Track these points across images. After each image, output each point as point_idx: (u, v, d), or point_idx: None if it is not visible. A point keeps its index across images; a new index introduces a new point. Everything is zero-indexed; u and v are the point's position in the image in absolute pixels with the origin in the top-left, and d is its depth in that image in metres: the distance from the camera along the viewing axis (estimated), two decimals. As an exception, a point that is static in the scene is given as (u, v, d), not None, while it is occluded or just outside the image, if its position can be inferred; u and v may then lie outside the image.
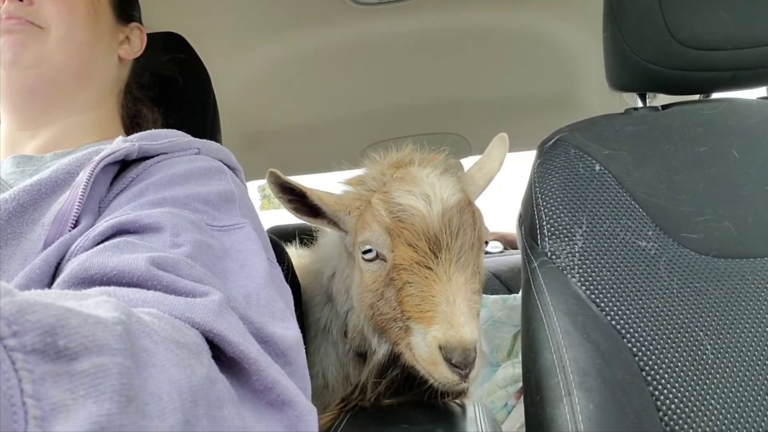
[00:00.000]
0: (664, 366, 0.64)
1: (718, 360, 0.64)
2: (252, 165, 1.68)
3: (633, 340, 0.65)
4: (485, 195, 0.91)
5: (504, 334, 1.56)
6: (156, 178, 0.53)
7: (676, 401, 0.62)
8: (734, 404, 0.62)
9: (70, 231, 0.47)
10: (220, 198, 0.55)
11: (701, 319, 0.66)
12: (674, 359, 0.64)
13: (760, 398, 0.63)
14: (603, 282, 0.69)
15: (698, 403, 0.62)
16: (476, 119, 1.76)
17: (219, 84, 0.95)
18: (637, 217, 0.73)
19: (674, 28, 0.76)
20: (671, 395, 0.62)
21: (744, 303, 0.68)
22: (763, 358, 0.64)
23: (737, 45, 0.77)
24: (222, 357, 0.37)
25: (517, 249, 0.86)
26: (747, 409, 0.62)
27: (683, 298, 0.68)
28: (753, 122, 0.79)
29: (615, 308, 0.67)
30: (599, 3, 0.84)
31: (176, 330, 0.33)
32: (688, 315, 0.67)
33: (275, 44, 1.37)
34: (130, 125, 0.75)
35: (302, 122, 1.72)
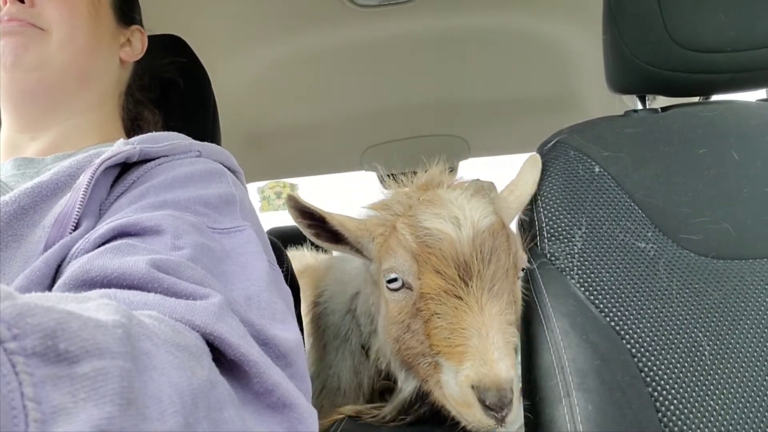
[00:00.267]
0: (663, 367, 0.64)
1: (717, 361, 0.64)
2: (252, 166, 1.68)
3: (632, 341, 0.65)
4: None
5: (504, 335, 1.55)
6: (157, 181, 0.53)
7: (675, 402, 0.62)
8: (733, 405, 0.62)
9: (71, 233, 0.47)
10: (221, 200, 0.55)
11: (700, 320, 0.67)
12: (673, 360, 0.64)
13: (759, 399, 0.63)
14: (602, 283, 0.69)
15: (697, 404, 0.62)
16: (476, 121, 1.76)
17: (219, 86, 0.96)
18: (637, 219, 0.73)
19: (674, 31, 0.76)
20: (670, 396, 0.62)
21: (743, 304, 0.68)
22: (762, 359, 0.65)
23: (736, 47, 0.77)
24: (222, 359, 0.37)
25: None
26: (746, 410, 0.62)
27: (682, 299, 0.68)
28: (752, 124, 0.80)
29: (614, 309, 0.67)
30: (599, 5, 0.84)
31: (177, 333, 0.33)
32: (687, 316, 0.67)
33: (275, 46, 1.37)
34: (131, 127, 0.75)
35: (302, 124, 1.72)
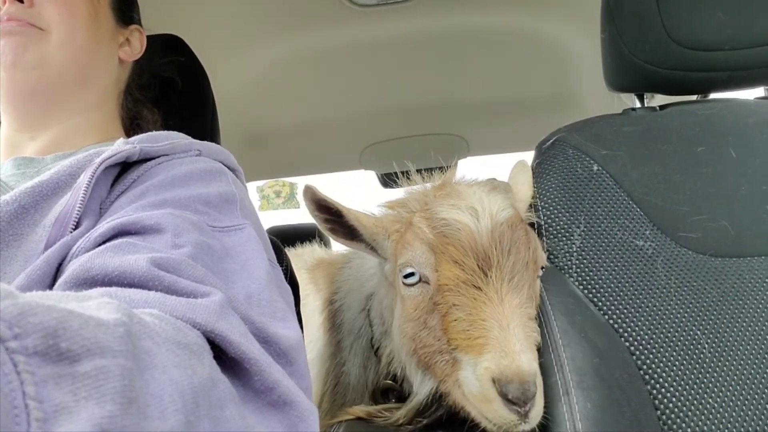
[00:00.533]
0: (662, 365, 0.64)
1: (716, 358, 0.65)
2: (251, 166, 1.68)
3: (631, 339, 0.65)
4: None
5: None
6: (157, 180, 0.53)
7: (674, 400, 0.62)
8: (731, 402, 0.62)
9: (72, 232, 0.47)
10: (221, 199, 0.56)
11: (699, 318, 0.67)
12: (672, 358, 0.64)
13: (758, 396, 0.63)
14: (601, 281, 0.69)
15: (696, 401, 0.62)
16: (475, 120, 1.76)
17: (218, 85, 0.95)
18: (635, 217, 0.73)
19: (672, 29, 0.77)
20: (669, 394, 0.63)
21: (741, 301, 0.68)
22: (760, 356, 0.65)
23: (734, 45, 0.77)
24: (223, 357, 0.37)
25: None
26: (744, 407, 0.62)
27: (681, 297, 0.68)
28: (750, 122, 0.80)
29: (613, 307, 0.67)
30: (597, 4, 0.84)
31: (178, 331, 0.33)
32: (686, 314, 0.67)
33: (274, 46, 1.37)
34: (130, 126, 0.75)
35: (301, 123, 1.72)
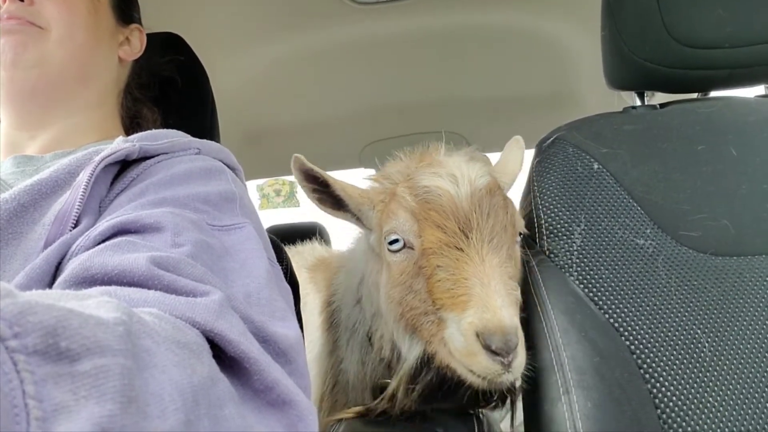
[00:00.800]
0: (662, 364, 0.64)
1: (716, 357, 0.65)
2: (251, 164, 1.68)
3: (631, 338, 0.65)
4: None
5: (503, 332, 1.56)
6: (156, 178, 0.53)
7: (674, 399, 0.62)
8: (732, 401, 0.62)
9: (71, 231, 0.47)
10: (221, 198, 0.55)
11: (699, 317, 0.67)
12: (672, 357, 0.64)
13: (758, 395, 0.63)
14: (601, 280, 0.69)
15: (696, 400, 0.62)
16: (475, 118, 1.76)
17: (218, 83, 0.95)
18: (635, 216, 0.73)
19: (672, 27, 0.76)
20: (669, 393, 0.63)
21: (741, 300, 0.68)
22: (761, 355, 0.65)
23: (735, 43, 0.77)
24: (223, 356, 0.37)
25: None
26: (744, 406, 0.62)
27: (681, 296, 0.68)
28: (750, 120, 0.80)
29: (613, 306, 0.67)
30: (597, 2, 0.84)
31: (177, 330, 0.33)
32: (686, 313, 0.67)
33: (273, 44, 1.37)
34: (130, 125, 0.75)
35: (300, 121, 1.72)
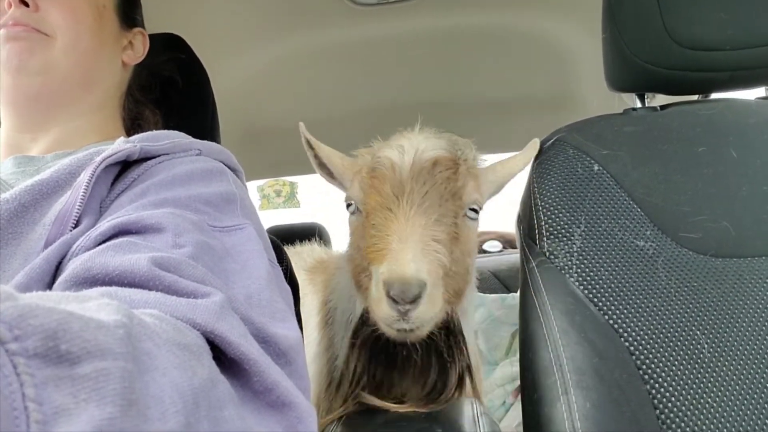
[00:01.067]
0: (661, 365, 0.64)
1: (715, 359, 0.65)
2: (251, 165, 1.68)
3: (630, 339, 0.65)
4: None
5: (502, 333, 1.56)
6: (157, 179, 0.53)
7: (673, 400, 0.62)
8: (731, 402, 0.62)
9: (72, 231, 0.47)
10: (222, 199, 0.55)
11: (699, 318, 0.67)
12: (671, 358, 0.64)
13: (757, 396, 0.63)
14: (601, 281, 0.69)
15: (695, 402, 0.62)
16: (475, 119, 1.76)
17: (218, 84, 0.95)
18: (636, 217, 0.73)
19: (672, 29, 0.76)
20: (668, 394, 0.63)
21: (741, 302, 0.68)
22: (760, 356, 0.65)
23: (735, 45, 0.77)
24: (223, 358, 0.37)
25: (516, 248, 0.86)
26: (743, 407, 0.62)
27: (681, 298, 0.68)
28: (751, 122, 0.80)
29: (613, 308, 0.67)
30: (598, 4, 0.84)
31: (178, 332, 0.33)
32: (686, 314, 0.67)
33: (274, 45, 1.37)
34: (131, 127, 0.75)
35: (301, 122, 1.72)
